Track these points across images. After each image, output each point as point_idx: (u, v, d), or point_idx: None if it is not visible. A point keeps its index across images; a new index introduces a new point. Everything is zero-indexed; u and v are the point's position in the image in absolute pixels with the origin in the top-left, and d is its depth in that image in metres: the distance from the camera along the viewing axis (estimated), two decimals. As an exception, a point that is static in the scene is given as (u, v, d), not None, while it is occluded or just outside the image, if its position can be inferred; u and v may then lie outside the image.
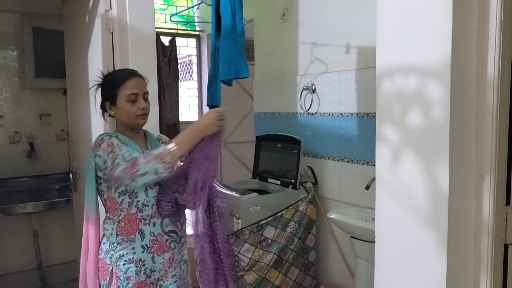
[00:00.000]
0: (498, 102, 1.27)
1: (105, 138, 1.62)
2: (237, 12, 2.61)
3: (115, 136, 1.65)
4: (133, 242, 1.64)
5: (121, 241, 1.64)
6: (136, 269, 1.64)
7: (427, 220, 1.35)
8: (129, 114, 1.66)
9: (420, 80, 1.34)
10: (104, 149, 1.58)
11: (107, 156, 1.56)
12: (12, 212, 3.07)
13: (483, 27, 1.28)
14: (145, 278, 1.65)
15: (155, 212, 1.67)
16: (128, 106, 1.65)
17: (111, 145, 1.58)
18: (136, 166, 1.47)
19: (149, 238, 1.66)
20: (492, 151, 1.29)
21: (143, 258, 1.65)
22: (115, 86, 1.66)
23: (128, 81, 1.66)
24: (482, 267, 1.34)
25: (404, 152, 1.41)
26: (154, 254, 1.67)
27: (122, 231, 1.64)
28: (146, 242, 1.66)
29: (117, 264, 1.64)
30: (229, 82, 2.82)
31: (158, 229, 1.68)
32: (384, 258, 1.51)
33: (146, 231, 1.66)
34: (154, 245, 1.67)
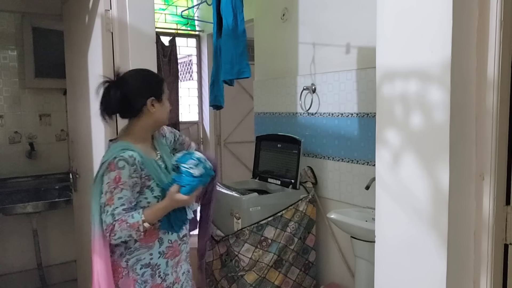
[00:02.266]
0: (498, 103, 1.27)
1: (118, 165, 1.55)
2: (238, 13, 2.61)
3: (131, 160, 1.56)
4: (151, 248, 1.67)
5: (139, 247, 1.66)
6: (152, 272, 1.67)
7: (427, 220, 1.35)
8: (167, 112, 1.72)
9: (420, 80, 1.34)
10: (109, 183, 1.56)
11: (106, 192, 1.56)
12: (12, 212, 3.07)
13: (483, 27, 1.29)
14: (161, 281, 1.69)
15: None
16: (168, 105, 1.72)
17: (116, 182, 1.55)
18: (114, 231, 1.55)
19: (166, 245, 1.70)
20: (492, 152, 1.29)
21: (158, 263, 1.68)
22: (161, 82, 1.69)
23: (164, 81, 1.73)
24: (482, 267, 1.34)
25: (404, 152, 1.41)
26: (168, 259, 1.71)
27: (141, 239, 1.64)
28: (164, 249, 1.69)
29: (134, 268, 1.66)
30: (231, 82, 2.83)
31: (175, 236, 1.72)
32: (384, 258, 1.52)
33: (165, 239, 1.69)
34: (169, 251, 1.71)
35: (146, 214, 1.57)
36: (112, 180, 1.55)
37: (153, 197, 1.64)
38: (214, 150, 4.24)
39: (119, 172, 1.54)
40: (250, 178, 3.06)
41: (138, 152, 1.60)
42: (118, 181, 1.55)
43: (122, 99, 1.61)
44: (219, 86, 2.97)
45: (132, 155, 1.57)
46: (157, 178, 1.64)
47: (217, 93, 3.01)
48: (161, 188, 1.65)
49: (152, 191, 1.64)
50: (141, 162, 1.59)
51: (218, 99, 3.02)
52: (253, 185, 2.93)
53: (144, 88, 1.65)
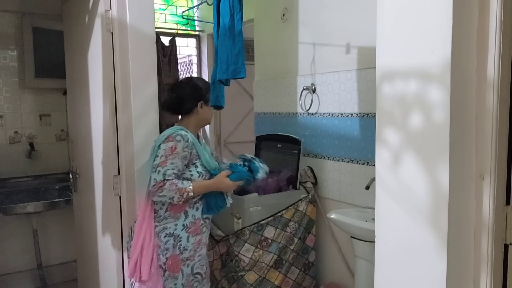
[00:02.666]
0: (498, 103, 1.27)
1: (175, 138, 1.90)
2: (236, 12, 2.61)
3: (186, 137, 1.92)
4: (177, 219, 1.94)
5: (168, 216, 1.93)
6: (174, 242, 1.92)
7: (427, 220, 1.35)
8: (210, 117, 2.15)
9: (420, 81, 1.34)
10: (165, 149, 1.88)
11: (161, 156, 1.87)
12: (12, 212, 3.07)
13: (483, 27, 1.29)
14: (179, 253, 1.93)
15: (200, 198, 2.00)
16: (212, 111, 2.18)
17: (172, 150, 1.88)
18: (163, 188, 1.83)
19: (190, 220, 1.96)
20: (492, 152, 1.29)
21: (180, 235, 1.93)
22: (209, 90, 2.14)
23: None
24: (482, 267, 1.34)
25: (404, 152, 1.41)
26: (190, 234, 1.95)
27: (171, 208, 1.93)
28: (187, 222, 1.95)
29: (159, 235, 1.91)
30: (226, 82, 2.82)
31: (198, 214, 1.99)
32: (384, 258, 1.52)
33: (189, 213, 1.96)
34: (192, 226, 1.96)
35: (194, 184, 1.90)
36: (169, 148, 1.87)
37: (196, 172, 1.96)
38: (214, 150, 4.24)
39: (175, 143, 1.88)
40: (250, 178, 3.06)
41: (190, 135, 1.97)
42: (174, 149, 1.87)
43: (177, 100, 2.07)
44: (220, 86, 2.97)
45: (187, 135, 1.94)
46: (203, 159, 1.99)
47: (218, 93, 3.01)
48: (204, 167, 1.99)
49: (197, 168, 1.97)
50: (193, 142, 1.96)
51: (219, 100, 3.02)
52: (253, 185, 2.93)
53: (197, 93, 2.07)
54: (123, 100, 2.24)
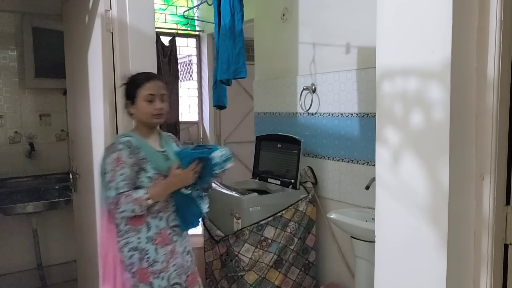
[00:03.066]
0: (498, 103, 1.27)
1: (117, 147, 1.77)
2: (236, 12, 2.61)
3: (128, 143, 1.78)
4: (139, 232, 1.79)
5: (129, 229, 1.80)
6: (139, 256, 1.79)
7: (427, 220, 1.35)
8: (146, 113, 1.83)
9: (420, 80, 1.34)
10: (110, 163, 1.76)
11: (109, 171, 1.75)
12: (12, 212, 3.07)
13: (483, 27, 1.29)
14: (147, 266, 1.79)
15: (163, 207, 1.83)
16: (145, 105, 1.82)
17: (117, 161, 1.74)
18: (119, 204, 1.72)
19: (154, 231, 1.81)
20: (492, 151, 1.29)
21: (146, 248, 1.79)
22: (135, 87, 1.84)
23: (148, 83, 1.83)
24: (482, 267, 1.34)
25: (404, 152, 1.41)
26: (157, 246, 1.81)
27: (130, 221, 1.79)
28: (151, 234, 1.80)
29: (122, 250, 1.79)
30: (228, 82, 2.83)
31: (163, 223, 1.83)
32: (384, 258, 1.51)
33: (152, 224, 1.81)
34: (158, 237, 1.81)
35: (150, 190, 1.74)
36: (114, 160, 1.75)
37: (146, 177, 1.78)
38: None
39: (118, 153, 1.75)
40: (250, 178, 3.06)
41: (135, 137, 1.82)
42: (119, 160, 1.74)
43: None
44: (221, 86, 2.97)
45: (128, 140, 1.79)
46: (153, 161, 1.80)
47: (220, 93, 3.01)
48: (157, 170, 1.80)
49: (146, 173, 1.78)
50: (137, 145, 1.79)
51: (221, 99, 3.02)
52: (253, 185, 2.93)
53: (125, 92, 1.89)
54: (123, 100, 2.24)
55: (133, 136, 1.83)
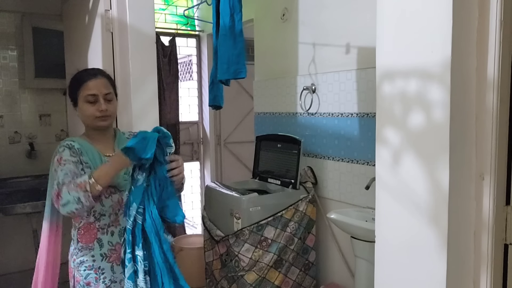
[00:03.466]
0: (498, 103, 1.27)
1: (58, 150, 1.60)
2: (236, 12, 2.61)
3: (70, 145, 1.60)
4: (92, 250, 1.65)
5: (81, 248, 1.66)
6: (96, 276, 1.65)
7: (427, 220, 1.35)
8: (88, 116, 1.63)
9: (420, 80, 1.34)
10: (53, 165, 1.59)
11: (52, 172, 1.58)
12: (12, 212, 3.07)
13: (483, 28, 1.29)
14: (104, 287, 1.65)
15: (113, 222, 1.66)
16: (87, 107, 1.62)
17: (59, 161, 1.56)
18: (61, 195, 1.46)
19: (107, 247, 1.66)
20: (492, 152, 1.29)
21: (102, 266, 1.65)
22: (75, 87, 1.64)
23: (88, 82, 1.61)
24: (482, 267, 1.34)
25: (404, 152, 1.41)
26: (113, 263, 1.66)
27: (81, 238, 1.65)
28: (105, 251, 1.65)
29: (78, 269, 1.67)
30: (227, 82, 2.83)
31: (116, 239, 1.66)
32: (384, 258, 1.51)
33: (104, 240, 1.65)
34: (113, 254, 1.66)
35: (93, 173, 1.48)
36: (56, 161, 1.57)
37: None
38: (214, 150, 4.24)
39: (59, 154, 1.58)
40: (250, 178, 3.06)
41: (78, 142, 1.64)
42: (60, 160, 1.56)
43: None
44: (218, 86, 2.97)
45: (70, 143, 1.62)
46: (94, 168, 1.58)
47: (217, 93, 3.01)
48: None
49: None
50: (80, 149, 1.61)
51: (218, 99, 3.02)
52: (253, 185, 2.93)
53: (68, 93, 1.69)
54: (123, 100, 2.24)
55: (76, 140, 1.65)
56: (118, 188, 1.64)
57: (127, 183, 1.57)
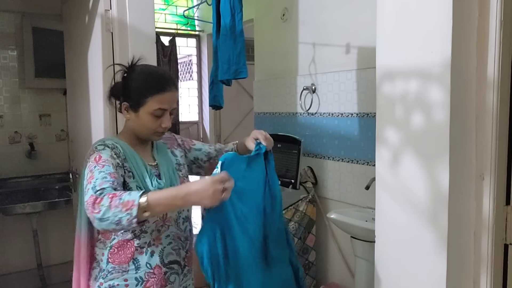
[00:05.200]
0: (498, 103, 1.27)
1: (98, 148, 1.36)
2: (236, 12, 2.61)
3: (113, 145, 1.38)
4: (125, 272, 1.39)
5: (112, 270, 1.39)
6: None
7: (427, 220, 1.35)
8: (148, 129, 1.40)
9: (420, 81, 1.34)
10: (89, 164, 1.33)
11: (87, 172, 1.31)
12: (12, 212, 3.07)
13: (483, 27, 1.29)
14: None
15: (154, 240, 1.40)
16: (150, 120, 1.38)
17: (96, 161, 1.32)
18: (99, 207, 1.19)
19: (145, 270, 1.39)
20: (492, 152, 1.29)
21: None
22: (144, 93, 1.37)
23: (163, 94, 1.37)
24: (482, 267, 1.34)
25: (404, 153, 1.41)
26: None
27: (114, 258, 1.39)
28: (141, 275, 1.39)
29: None
30: (228, 82, 2.83)
31: (156, 260, 1.40)
32: (384, 258, 1.52)
33: (141, 261, 1.39)
34: (150, 278, 1.40)
35: (149, 194, 1.20)
36: (92, 161, 1.32)
37: None
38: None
39: (98, 153, 1.34)
40: (250, 178, 3.05)
41: (121, 145, 1.40)
42: (99, 159, 1.32)
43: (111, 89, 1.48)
44: (218, 86, 2.97)
45: (112, 143, 1.39)
46: (139, 178, 1.37)
47: (217, 93, 3.01)
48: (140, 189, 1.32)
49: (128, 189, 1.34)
50: (123, 152, 1.38)
51: (218, 99, 3.02)
52: (253, 185, 2.93)
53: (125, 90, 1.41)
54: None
55: (118, 142, 1.40)
56: None
57: None
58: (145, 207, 1.18)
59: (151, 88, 1.37)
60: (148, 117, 1.37)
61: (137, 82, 1.40)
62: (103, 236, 1.44)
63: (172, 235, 1.44)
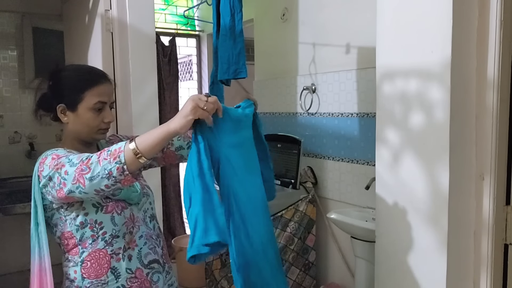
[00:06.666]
0: (498, 103, 1.27)
1: (48, 153, 1.26)
2: (236, 12, 2.61)
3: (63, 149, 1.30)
4: (105, 285, 1.29)
5: (90, 285, 1.30)
6: None
7: (427, 220, 1.35)
8: (90, 127, 1.29)
9: (420, 80, 1.34)
10: (49, 165, 1.21)
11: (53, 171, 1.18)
12: (12, 212, 3.06)
13: (483, 27, 1.29)
14: None
15: (129, 243, 1.32)
16: (91, 116, 1.27)
17: (57, 157, 1.21)
18: (88, 166, 1.11)
19: (126, 277, 1.30)
20: (492, 152, 1.29)
21: None
22: (80, 88, 1.27)
23: (99, 86, 1.28)
24: (482, 267, 1.34)
25: (404, 153, 1.41)
26: None
27: (89, 273, 1.31)
28: (123, 283, 1.30)
29: None
30: (227, 82, 2.83)
31: (135, 263, 1.32)
32: (384, 258, 1.52)
33: (120, 268, 1.30)
34: (133, 284, 1.31)
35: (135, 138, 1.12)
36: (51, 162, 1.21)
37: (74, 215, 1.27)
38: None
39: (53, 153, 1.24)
40: (250, 178, 3.05)
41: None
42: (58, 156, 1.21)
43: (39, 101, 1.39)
44: (218, 86, 2.96)
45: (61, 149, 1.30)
46: None
47: (217, 93, 3.00)
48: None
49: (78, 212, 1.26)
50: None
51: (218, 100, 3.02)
52: (253, 185, 2.93)
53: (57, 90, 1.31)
54: (123, 100, 2.24)
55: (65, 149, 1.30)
56: (128, 201, 1.32)
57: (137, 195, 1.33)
58: (135, 151, 1.08)
59: (86, 82, 1.28)
60: (89, 113, 1.27)
61: (70, 80, 1.31)
62: (71, 254, 1.37)
63: (145, 235, 1.36)
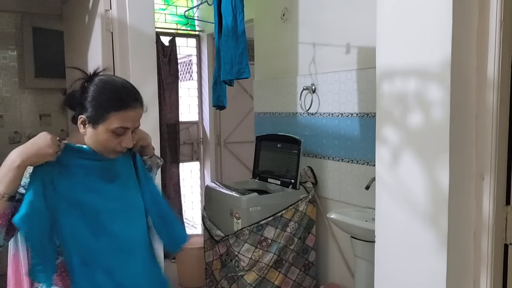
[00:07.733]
0: (498, 102, 1.27)
1: None
2: (238, 13, 2.62)
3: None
4: None
5: None
6: None
7: (427, 220, 1.35)
8: (105, 147, 1.23)
9: (420, 80, 1.34)
10: None
11: None
12: (12, 212, 3.07)
13: (483, 27, 1.29)
14: None
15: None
16: (109, 138, 1.22)
17: None
18: None
19: None
20: (492, 151, 1.29)
21: None
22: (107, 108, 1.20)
23: (127, 111, 1.21)
24: (482, 267, 1.34)
25: (404, 153, 1.41)
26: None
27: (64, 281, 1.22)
28: None
29: None
30: (230, 82, 2.84)
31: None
32: (384, 258, 1.52)
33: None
34: None
35: None
36: None
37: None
38: (214, 150, 4.24)
39: None
40: (250, 178, 3.06)
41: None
42: None
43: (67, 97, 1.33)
44: (221, 86, 2.97)
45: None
46: None
47: (220, 93, 3.02)
48: None
49: None
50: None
51: (221, 100, 3.02)
52: (253, 185, 2.93)
53: (83, 101, 1.23)
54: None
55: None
56: None
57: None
58: None
59: (115, 103, 1.20)
60: (107, 134, 1.21)
61: (99, 95, 1.22)
62: None
63: None
